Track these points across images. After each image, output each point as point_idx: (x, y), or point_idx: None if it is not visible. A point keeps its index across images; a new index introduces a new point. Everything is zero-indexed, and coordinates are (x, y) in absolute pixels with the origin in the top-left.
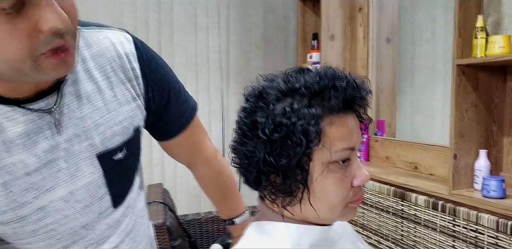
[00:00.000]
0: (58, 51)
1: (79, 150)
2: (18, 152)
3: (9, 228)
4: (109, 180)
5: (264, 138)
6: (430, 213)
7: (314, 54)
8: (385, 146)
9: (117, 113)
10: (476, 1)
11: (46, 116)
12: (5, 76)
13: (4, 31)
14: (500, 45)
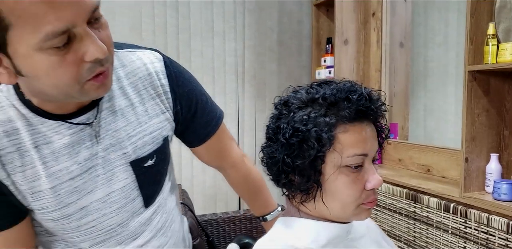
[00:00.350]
0: (99, 75)
1: (114, 158)
2: (64, 161)
3: (58, 224)
4: (140, 184)
5: (284, 141)
6: (442, 215)
7: (328, 58)
8: (398, 148)
9: (147, 125)
10: (488, 9)
11: (87, 129)
12: (55, 98)
13: (56, 63)
14: (511, 53)
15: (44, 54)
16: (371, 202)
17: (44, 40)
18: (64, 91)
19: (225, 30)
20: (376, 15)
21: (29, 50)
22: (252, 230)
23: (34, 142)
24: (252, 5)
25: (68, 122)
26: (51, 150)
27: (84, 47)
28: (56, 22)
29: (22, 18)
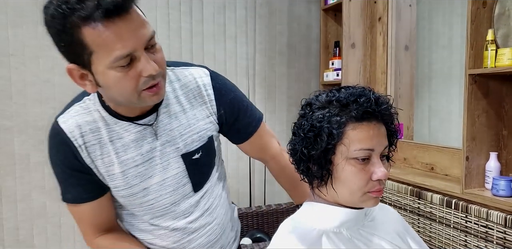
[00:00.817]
0: (152, 87)
1: (169, 151)
2: (131, 152)
3: (126, 200)
4: (189, 173)
5: (302, 135)
6: (444, 210)
7: (336, 61)
8: (402, 148)
9: (195, 126)
10: (487, 16)
11: (148, 128)
12: (122, 103)
13: (121, 78)
14: (509, 57)
15: (113, 71)
16: (377, 191)
17: (113, 61)
18: (127, 98)
19: (237, 34)
20: (382, 19)
21: (104, 68)
22: (264, 226)
23: (110, 137)
24: (262, 10)
25: (135, 123)
26: (122, 144)
27: (141, 66)
28: (122, 49)
29: (100, 46)
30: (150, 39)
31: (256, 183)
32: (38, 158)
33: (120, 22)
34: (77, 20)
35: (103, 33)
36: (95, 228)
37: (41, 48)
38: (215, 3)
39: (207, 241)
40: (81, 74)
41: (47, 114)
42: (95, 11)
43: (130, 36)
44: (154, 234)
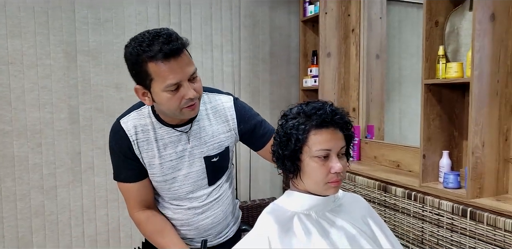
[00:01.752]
0: (191, 106)
1: (195, 153)
2: (169, 150)
3: (158, 185)
4: (208, 171)
5: (279, 140)
6: (406, 202)
7: (314, 69)
8: (373, 147)
9: (217, 138)
10: (439, 34)
11: (184, 134)
12: (167, 115)
13: (170, 98)
14: (455, 70)
15: (165, 93)
16: (335, 181)
17: (166, 87)
18: (172, 112)
19: (222, 43)
20: (355, 31)
21: (159, 91)
22: (249, 219)
23: (155, 137)
24: (247, 21)
25: (175, 129)
26: (163, 143)
27: (184, 91)
28: (173, 79)
29: (158, 76)
30: (193, 74)
31: (241, 180)
32: (36, 160)
33: (173, 61)
34: (145, 57)
35: (161, 67)
36: (138, 204)
37: (39, 57)
38: (202, 15)
39: (211, 222)
40: (143, 93)
41: (45, 118)
42: (158, 54)
43: (179, 71)
44: (174, 211)
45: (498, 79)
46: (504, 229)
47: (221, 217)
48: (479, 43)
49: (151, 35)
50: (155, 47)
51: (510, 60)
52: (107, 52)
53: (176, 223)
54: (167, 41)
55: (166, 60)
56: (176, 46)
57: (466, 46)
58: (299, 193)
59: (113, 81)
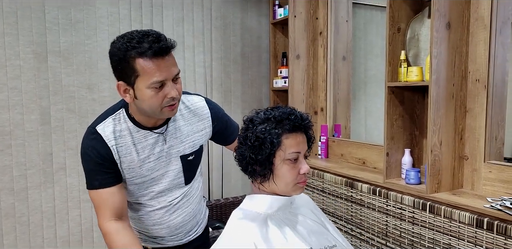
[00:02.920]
0: (171, 106)
1: (172, 153)
2: (147, 152)
3: (137, 186)
4: (184, 169)
5: (250, 144)
6: (371, 197)
7: (284, 70)
8: (340, 145)
9: (192, 137)
10: (401, 39)
11: (161, 136)
12: (146, 113)
13: (153, 96)
14: (416, 74)
15: (149, 90)
16: (303, 182)
17: (151, 83)
18: (152, 110)
19: (194, 44)
20: (322, 34)
21: (143, 87)
22: (222, 216)
23: (133, 142)
24: (218, 23)
25: (153, 131)
26: (141, 146)
27: (168, 90)
28: (159, 77)
29: (145, 73)
30: (177, 74)
31: (214, 178)
32: (6, 162)
33: (161, 59)
34: (134, 53)
35: (149, 64)
36: (111, 212)
37: (8, 58)
38: (174, 17)
39: (183, 220)
40: (125, 89)
41: (15, 119)
42: (148, 50)
43: (166, 70)
44: (147, 212)
45: (453, 83)
46: (459, 221)
47: (191, 215)
48: (436, 49)
49: (140, 34)
50: (145, 45)
51: (464, 65)
52: (79, 53)
53: (148, 223)
54: (156, 40)
55: (155, 57)
56: (165, 45)
57: (425, 51)
58: (264, 195)
59: (85, 82)
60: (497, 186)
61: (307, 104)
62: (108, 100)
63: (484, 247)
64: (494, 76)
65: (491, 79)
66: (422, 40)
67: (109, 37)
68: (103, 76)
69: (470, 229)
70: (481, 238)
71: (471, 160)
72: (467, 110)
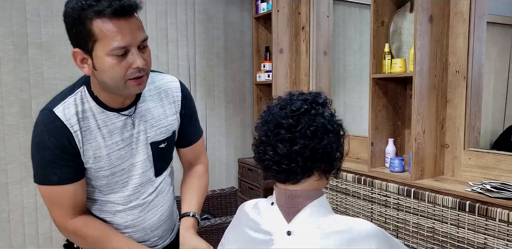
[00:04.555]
0: (138, 79)
1: (142, 139)
2: (115, 137)
3: (106, 180)
4: (154, 158)
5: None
6: (356, 186)
7: (267, 64)
8: None
9: (164, 120)
10: (385, 33)
11: (129, 118)
12: (109, 87)
13: (115, 64)
14: (400, 66)
15: (110, 58)
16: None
17: (112, 50)
18: (115, 82)
19: (178, 38)
20: (305, 29)
21: (103, 54)
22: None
23: (97, 125)
24: (201, 16)
25: (120, 113)
26: (107, 130)
27: (132, 59)
28: (121, 41)
29: (104, 36)
30: (143, 41)
31: None
32: None
33: (123, 21)
34: (91, 13)
35: (109, 26)
36: (73, 209)
37: None
38: (157, 9)
39: (159, 220)
40: (82, 58)
41: None
42: (106, 9)
43: (129, 33)
44: (116, 212)
45: (435, 74)
46: (442, 204)
47: (167, 214)
48: (420, 41)
49: None
50: (104, 2)
51: (445, 57)
52: (61, 45)
53: (118, 226)
54: None
55: (116, 18)
56: (128, 3)
57: (407, 44)
58: None
59: (67, 74)
60: (476, 172)
61: None
62: None
63: (466, 229)
64: (472, 68)
65: (470, 71)
66: (404, 33)
67: None
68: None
69: (453, 212)
70: (463, 221)
71: (452, 148)
72: (447, 101)
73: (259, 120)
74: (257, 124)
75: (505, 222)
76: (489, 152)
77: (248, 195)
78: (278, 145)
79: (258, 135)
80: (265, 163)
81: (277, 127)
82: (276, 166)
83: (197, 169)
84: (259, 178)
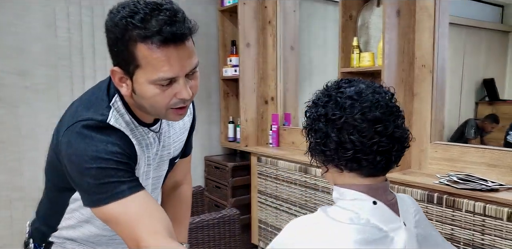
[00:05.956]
0: (181, 109)
1: (164, 155)
2: (150, 152)
3: None
4: (166, 175)
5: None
6: (325, 181)
7: (234, 58)
8: (291, 133)
9: (184, 135)
10: (353, 26)
11: (155, 134)
12: (148, 112)
13: (157, 93)
14: (368, 59)
15: (153, 86)
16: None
17: (156, 80)
18: (156, 110)
19: None
20: (272, 23)
21: (145, 82)
22: None
23: (137, 137)
24: None
25: (149, 129)
26: (146, 143)
27: (178, 89)
28: (167, 72)
29: (148, 64)
30: (194, 68)
31: None
32: None
33: (173, 49)
34: (136, 36)
35: (155, 54)
36: (162, 225)
37: None
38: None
39: None
40: (121, 77)
41: None
42: (156, 35)
43: (178, 63)
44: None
45: (403, 68)
46: None
47: None
48: (388, 35)
49: (149, 7)
50: (153, 25)
51: (412, 51)
52: (8, 35)
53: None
54: (170, 20)
55: (165, 46)
56: (182, 30)
57: (375, 38)
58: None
59: (16, 67)
60: (442, 164)
61: (258, 93)
62: (43, 88)
63: (434, 221)
64: (438, 62)
65: (436, 65)
66: (372, 27)
67: (43, 18)
68: (36, 61)
69: (422, 204)
70: (432, 212)
71: (419, 141)
72: (414, 94)
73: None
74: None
75: (471, 213)
76: (454, 144)
77: (216, 194)
78: (395, 130)
79: (364, 124)
80: (380, 149)
81: (390, 113)
82: (388, 154)
83: (186, 193)
84: (226, 176)
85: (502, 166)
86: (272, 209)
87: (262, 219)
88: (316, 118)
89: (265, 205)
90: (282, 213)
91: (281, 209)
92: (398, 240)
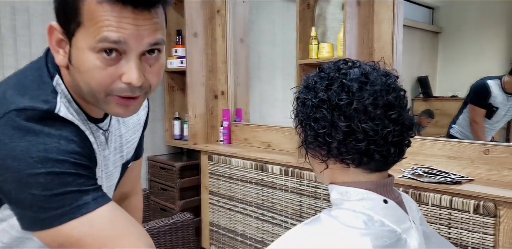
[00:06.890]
0: (126, 99)
1: (117, 159)
2: (105, 152)
3: None
4: (119, 180)
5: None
6: (283, 178)
7: (180, 49)
8: (243, 130)
9: (138, 134)
10: (311, 16)
11: (104, 133)
12: (83, 93)
13: (97, 67)
14: (327, 50)
15: (93, 54)
16: None
17: (98, 42)
18: (91, 91)
19: None
20: (220, 12)
21: (84, 46)
22: None
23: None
24: None
25: (97, 125)
26: (99, 142)
27: (126, 68)
28: (114, 33)
29: (93, 22)
30: (155, 44)
31: None
32: None
33: (130, 12)
34: None
35: (105, 11)
36: (145, 239)
37: None
38: None
39: None
40: (59, 39)
41: None
42: None
43: (133, 29)
44: None
45: (363, 59)
46: None
47: None
48: (349, 24)
49: None
50: None
51: (371, 43)
52: None
53: None
54: None
55: (121, 5)
56: None
57: (332, 30)
58: None
59: None
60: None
61: (207, 87)
62: None
63: None
64: (396, 54)
65: (394, 57)
66: (329, 18)
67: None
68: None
69: None
70: None
71: None
72: None
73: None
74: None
75: (437, 206)
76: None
77: (162, 197)
78: (407, 117)
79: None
80: (394, 139)
81: (402, 97)
82: (400, 145)
83: (136, 206)
84: (174, 177)
85: (462, 158)
86: (226, 211)
87: (214, 222)
88: (316, 105)
89: (217, 206)
90: (237, 214)
91: (235, 210)
92: (410, 242)
